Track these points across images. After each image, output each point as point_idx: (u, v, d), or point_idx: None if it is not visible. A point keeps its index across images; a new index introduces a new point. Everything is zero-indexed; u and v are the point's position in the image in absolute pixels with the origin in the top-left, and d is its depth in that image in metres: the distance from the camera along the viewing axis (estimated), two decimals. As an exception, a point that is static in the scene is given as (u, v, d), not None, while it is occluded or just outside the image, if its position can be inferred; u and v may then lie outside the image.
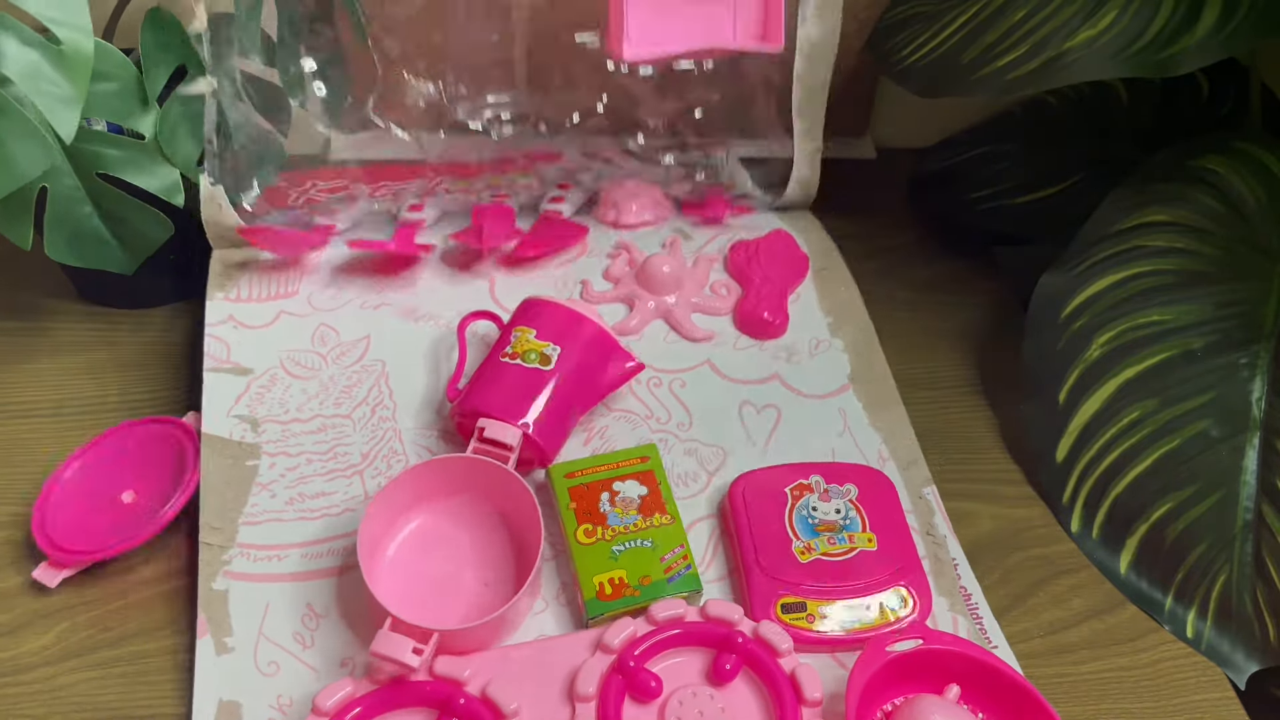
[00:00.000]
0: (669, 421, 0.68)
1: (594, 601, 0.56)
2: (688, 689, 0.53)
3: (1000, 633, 0.59)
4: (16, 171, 0.57)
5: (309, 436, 0.63)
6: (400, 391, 0.66)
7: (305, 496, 0.60)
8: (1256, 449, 0.65)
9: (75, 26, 0.57)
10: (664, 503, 0.61)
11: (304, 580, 0.57)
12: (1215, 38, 0.64)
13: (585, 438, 0.66)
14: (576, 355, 0.64)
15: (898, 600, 0.58)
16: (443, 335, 0.70)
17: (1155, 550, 0.65)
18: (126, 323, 0.79)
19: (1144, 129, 0.89)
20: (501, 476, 0.58)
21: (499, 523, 0.60)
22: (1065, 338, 0.71)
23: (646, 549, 0.58)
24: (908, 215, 0.98)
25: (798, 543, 0.60)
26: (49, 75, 0.56)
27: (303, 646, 0.55)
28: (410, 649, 0.51)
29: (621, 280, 0.75)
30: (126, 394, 0.73)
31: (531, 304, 0.67)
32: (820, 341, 0.75)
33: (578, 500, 0.60)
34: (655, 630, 0.54)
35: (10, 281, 0.82)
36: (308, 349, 0.68)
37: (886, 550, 0.60)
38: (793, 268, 0.78)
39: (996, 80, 0.70)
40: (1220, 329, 0.68)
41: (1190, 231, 0.72)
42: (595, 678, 0.52)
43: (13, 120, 0.56)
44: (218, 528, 0.58)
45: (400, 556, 0.58)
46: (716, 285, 0.76)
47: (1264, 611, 0.62)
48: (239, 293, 0.71)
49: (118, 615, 0.59)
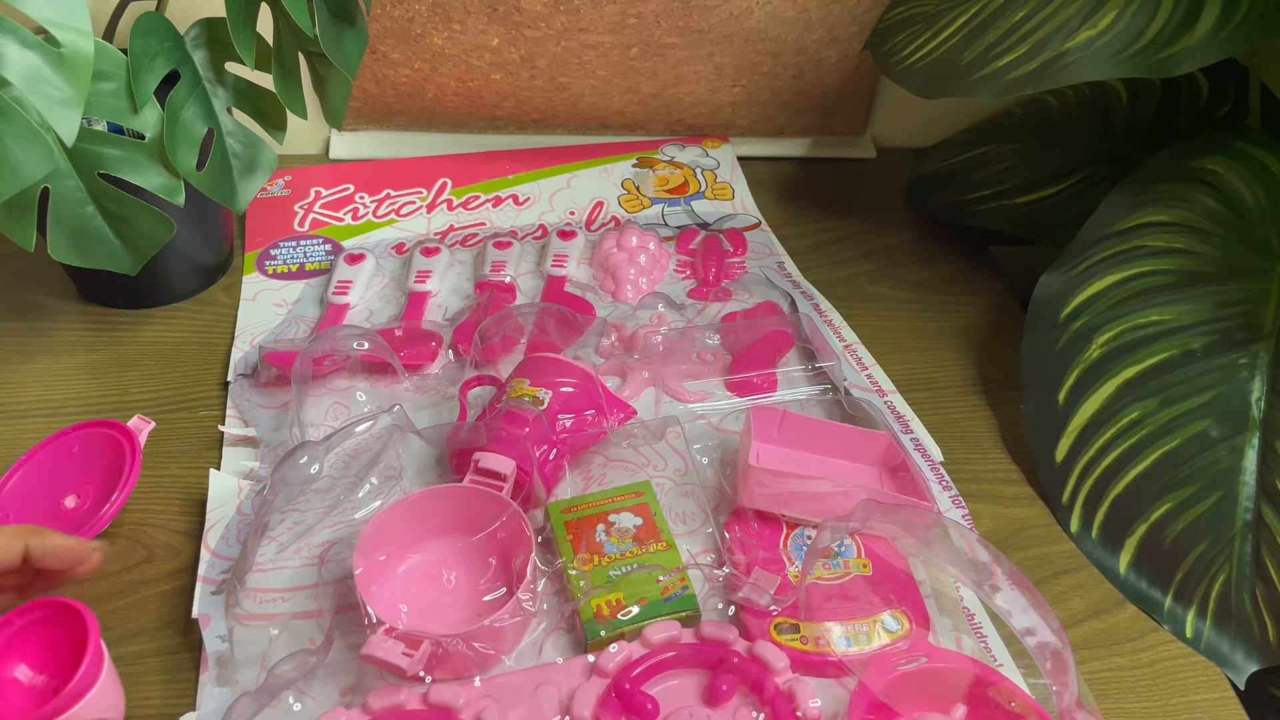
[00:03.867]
0: (666, 468, 0.69)
1: (592, 622, 0.56)
2: (684, 710, 0.53)
3: (1005, 650, 0.59)
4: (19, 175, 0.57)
5: (318, 495, 0.65)
6: (408, 454, 0.68)
7: (312, 546, 0.62)
8: (1256, 449, 0.65)
9: (75, 29, 0.56)
10: (659, 531, 0.61)
11: (311, 619, 0.58)
12: (1215, 38, 0.64)
13: (584, 485, 0.67)
14: (567, 398, 0.66)
15: (894, 623, 0.58)
16: (450, 406, 0.72)
17: (1155, 550, 0.65)
18: (127, 323, 0.79)
19: (1144, 129, 0.89)
20: (495, 504, 0.59)
21: (494, 554, 0.60)
22: (1065, 338, 0.71)
23: (643, 573, 0.59)
24: (907, 215, 0.98)
25: (792, 568, 0.61)
26: (49, 78, 0.56)
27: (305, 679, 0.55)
28: (400, 651, 0.51)
29: (612, 354, 0.77)
30: (126, 394, 0.73)
31: (526, 361, 0.70)
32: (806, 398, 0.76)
33: (574, 533, 0.61)
34: (651, 653, 0.54)
35: (10, 281, 0.82)
36: (320, 423, 0.70)
37: (881, 575, 0.61)
38: (779, 335, 0.79)
39: (996, 80, 0.70)
40: (1220, 329, 0.68)
41: (1190, 231, 0.72)
42: (591, 702, 0.52)
43: (14, 123, 0.56)
44: (225, 575, 0.59)
45: (395, 583, 0.58)
46: (703, 353, 0.78)
47: (1263, 611, 0.62)
48: (258, 375, 0.73)
49: (118, 615, 0.59)
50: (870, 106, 1.06)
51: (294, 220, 0.89)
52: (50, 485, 0.63)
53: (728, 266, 0.87)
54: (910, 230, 0.96)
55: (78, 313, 0.80)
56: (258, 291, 0.82)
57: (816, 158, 1.06)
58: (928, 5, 0.82)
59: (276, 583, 0.59)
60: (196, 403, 0.73)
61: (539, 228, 0.90)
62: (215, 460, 0.68)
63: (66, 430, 0.65)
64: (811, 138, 1.07)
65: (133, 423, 0.64)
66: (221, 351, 0.77)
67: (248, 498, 0.64)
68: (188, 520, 0.64)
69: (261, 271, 0.84)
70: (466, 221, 0.90)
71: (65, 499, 0.62)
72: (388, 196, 0.91)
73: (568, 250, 0.86)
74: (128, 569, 0.61)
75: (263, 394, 0.72)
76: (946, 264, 0.92)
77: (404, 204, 0.91)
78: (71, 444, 0.65)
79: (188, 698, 0.55)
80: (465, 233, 0.88)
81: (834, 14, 0.95)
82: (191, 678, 0.56)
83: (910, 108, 1.04)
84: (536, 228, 0.90)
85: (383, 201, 0.91)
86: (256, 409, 0.71)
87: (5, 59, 0.55)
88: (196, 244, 0.81)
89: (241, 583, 0.58)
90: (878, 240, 0.94)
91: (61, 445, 0.65)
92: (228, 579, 0.59)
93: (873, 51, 0.84)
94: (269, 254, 0.85)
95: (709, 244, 0.89)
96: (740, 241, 0.90)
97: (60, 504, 0.62)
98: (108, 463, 0.63)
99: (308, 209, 0.90)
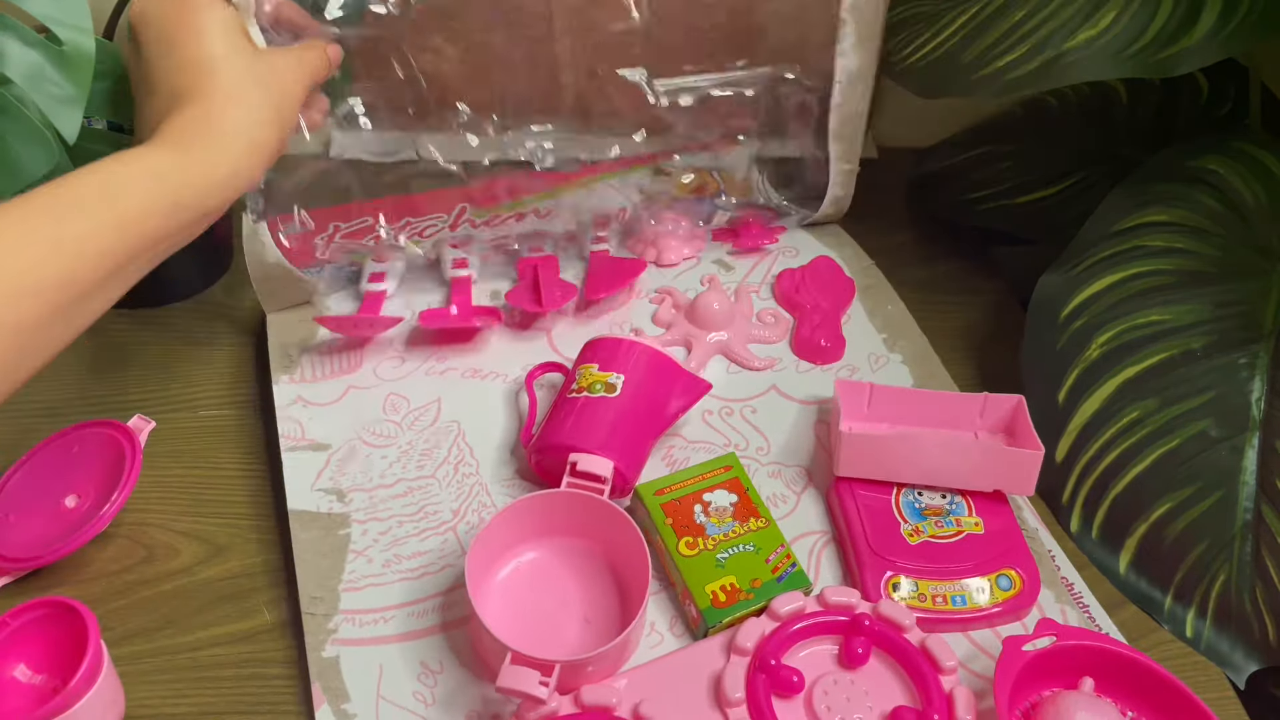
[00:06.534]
0: (748, 448, 0.69)
1: (710, 610, 0.56)
2: (827, 677, 0.54)
3: (1109, 620, 0.61)
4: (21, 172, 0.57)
5: (397, 500, 0.64)
6: (479, 448, 0.67)
7: (401, 558, 0.61)
8: (1256, 449, 0.65)
9: (76, 27, 0.56)
10: (755, 507, 0.61)
11: (414, 639, 0.57)
12: (1215, 38, 0.64)
13: (668, 468, 0.66)
14: (640, 380, 0.65)
15: (1006, 581, 0.59)
16: (510, 390, 0.72)
17: (1155, 550, 0.65)
18: (127, 323, 0.79)
19: (1144, 129, 0.89)
20: (598, 508, 0.59)
21: (595, 557, 0.60)
22: (1064, 338, 0.71)
23: (750, 553, 0.59)
24: (908, 215, 0.98)
25: (905, 525, 0.61)
26: (51, 76, 0.56)
27: (425, 704, 0.54)
28: (536, 680, 0.50)
29: (673, 323, 0.76)
30: (126, 394, 0.73)
31: (590, 344, 0.69)
32: (879, 356, 0.76)
33: (672, 515, 0.60)
34: (782, 626, 0.55)
35: (11, 281, 0.82)
36: (381, 419, 0.69)
37: (993, 534, 0.62)
38: (840, 291, 0.80)
39: (996, 80, 0.70)
40: (1220, 329, 0.68)
41: (1190, 231, 0.72)
42: (740, 681, 0.53)
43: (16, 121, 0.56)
44: (318, 597, 0.58)
45: (504, 596, 0.58)
46: (764, 314, 0.77)
47: (1263, 611, 0.62)
48: (302, 373, 0.72)
49: (118, 615, 0.59)
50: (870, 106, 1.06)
51: (315, 252, 0.84)
52: (50, 485, 0.63)
53: (763, 231, 0.86)
54: (910, 230, 0.96)
55: (77, 312, 0.80)
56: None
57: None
58: (928, 5, 0.82)
59: (373, 601, 0.58)
60: (196, 403, 0.73)
61: (565, 236, 0.89)
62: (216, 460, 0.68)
63: (66, 430, 0.65)
64: (811, 138, 1.06)
65: (133, 423, 0.64)
66: (223, 350, 0.77)
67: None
68: (188, 520, 0.64)
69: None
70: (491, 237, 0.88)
71: (65, 499, 0.62)
72: (408, 224, 0.90)
73: (605, 234, 0.85)
74: (128, 569, 0.61)
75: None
76: (946, 264, 0.92)
77: (426, 227, 0.89)
78: (71, 444, 0.64)
79: (187, 697, 0.55)
80: (491, 246, 0.86)
81: (834, 14, 0.95)
82: (191, 677, 0.56)
83: (910, 108, 1.03)
84: (564, 233, 0.89)
85: (403, 229, 0.89)
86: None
87: (7, 57, 0.55)
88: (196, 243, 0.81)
89: (334, 608, 0.57)
90: (878, 240, 0.94)
91: (61, 445, 0.65)
92: (317, 599, 0.58)
93: (873, 51, 0.84)
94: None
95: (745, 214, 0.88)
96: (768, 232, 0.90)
97: (60, 504, 0.62)
98: (108, 463, 0.63)
99: (328, 240, 0.89)
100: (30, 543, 0.60)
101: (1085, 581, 0.63)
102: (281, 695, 0.56)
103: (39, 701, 0.51)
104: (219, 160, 0.51)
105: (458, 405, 0.70)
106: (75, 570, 0.61)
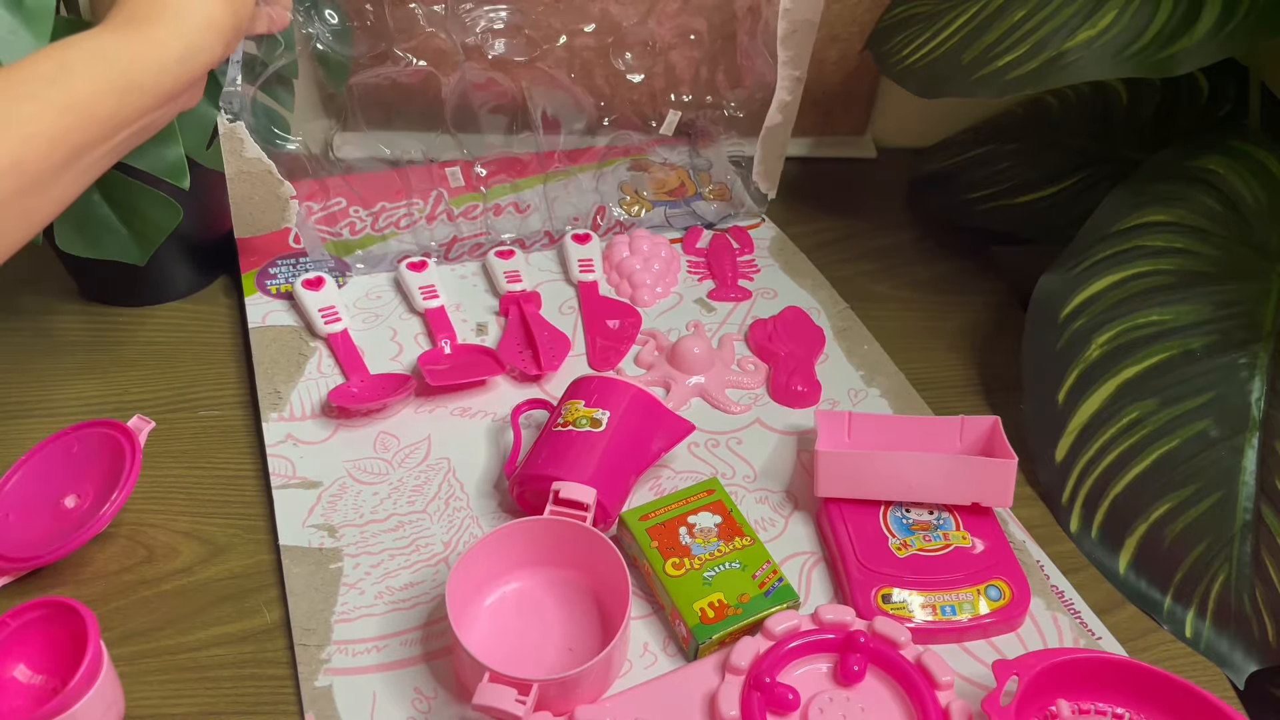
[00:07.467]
0: (735, 476, 0.69)
1: (700, 627, 0.56)
2: (823, 695, 0.53)
3: (1102, 624, 0.61)
4: None
5: (388, 535, 0.64)
6: (470, 483, 0.67)
7: (394, 589, 0.61)
8: (1255, 449, 0.65)
9: None
10: (740, 527, 0.62)
11: (407, 666, 0.57)
12: (1215, 38, 0.64)
13: (655, 497, 0.66)
14: (626, 417, 0.65)
15: (995, 592, 0.60)
16: (500, 428, 0.72)
17: (1154, 550, 0.65)
18: (127, 322, 0.79)
19: (1144, 129, 0.89)
20: (581, 535, 0.58)
21: (580, 588, 0.59)
22: (1064, 338, 0.71)
23: (736, 570, 0.59)
24: (908, 215, 0.98)
25: (894, 540, 0.62)
26: (13, 27, 0.55)
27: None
28: (513, 698, 0.50)
29: (654, 365, 0.77)
30: (126, 394, 0.73)
31: (579, 381, 0.69)
32: (858, 391, 0.76)
33: (658, 538, 0.61)
34: (777, 644, 0.55)
35: (10, 281, 0.82)
36: (371, 456, 0.69)
37: (981, 547, 0.62)
38: (811, 339, 0.80)
39: (996, 80, 0.70)
40: (1220, 329, 0.68)
41: (1190, 231, 0.72)
42: (734, 699, 0.52)
43: None
44: (310, 629, 0.58)
45: (489, 623, 0.58)
46: (743, 362, 0.78)
47: (1263, 611, 0.62)
48: (291, 411, 0.72)
49: (118, 615, 0.59)
50: (871, 106, 1.06)
51: (288, 236, 0.85)
52: (50, 485, 0.63)
53: (740, 265, 0.88)
54: (910, 230, 0.96)
55: (78, 312, 0.80)
56: (266, 313, 0.79)
57: (817, 157, 1.06)
58: (928, 5, 0.82)
59: (366, 631, 0.58)
60: (196, 403, 0.73)
61: (544, 234, 0.89)
62: (216, 460, 0.68)
63: (66, 430, 0.65)
64: (812, 138, 1.07)
65: (133, 423, 0.64)
66: (223, 350, 0.77)
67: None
68: (188, 520, 0.65)
69: (264, 291, 0.81)
70: (470, 232, 0.89)
71: (65, 499, 0.62)
72: (383, 210, 0.90)
73: (589, 254, 0.86)
74: (128, 569, 0.61)
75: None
76: (946, 264, 0.92)
77: (402, 217, 0.89)
78: (71, 444, 0.64)
79: (187, 697, 0.55)
80: (471, 243, 0.87)
81: (834, 14, 0.95)
82: (191, 677, 0.56)
83: (910, 108, 1.04)
84: (542, 234, 0.89)
85: (379, 215, 0.89)
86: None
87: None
88: (196, 243, 0.81)
89: (327, 639, 0.58)
90: (878, 240, 0.94)
91: (61, 445, 0.65)
92: (309, 630, 0.58)
93: (873, 51, 0.84)
94: (268, 273, 0.82)
95: (717, 244, 0.90)
96: (746, 240, 0.91)
97: (60, 504, 0.62)
98: (107, 463, 0.62)
99: (301, 224, 0.89)
100: (30, 543, 0.60)
101: (1075, 588, 0.63)
102: (281, 695, 0.56)
103: (39, 701, 0.51)
104: (169, 38, 0.49)
105: (448, 443, 0.70)
106: (75, 570, 0.61)
